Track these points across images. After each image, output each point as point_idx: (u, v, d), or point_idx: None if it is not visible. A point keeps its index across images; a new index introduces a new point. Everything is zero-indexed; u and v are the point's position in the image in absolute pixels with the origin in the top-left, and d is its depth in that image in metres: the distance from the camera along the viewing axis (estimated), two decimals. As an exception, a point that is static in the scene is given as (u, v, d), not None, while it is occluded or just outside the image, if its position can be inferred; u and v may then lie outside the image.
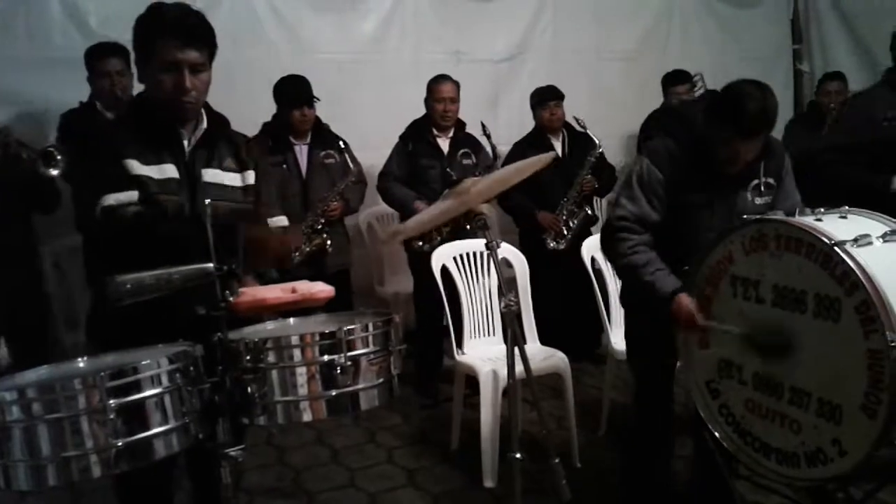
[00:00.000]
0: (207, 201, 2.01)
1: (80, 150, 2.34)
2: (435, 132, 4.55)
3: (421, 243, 4.18)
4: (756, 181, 2.57)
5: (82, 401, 1.54)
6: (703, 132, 2.50)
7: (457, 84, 4.53)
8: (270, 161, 4.15)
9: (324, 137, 4.34)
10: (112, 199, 2.05)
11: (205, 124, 2.24)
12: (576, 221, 4.75)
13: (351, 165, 4.26)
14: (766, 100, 2.37)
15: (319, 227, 4.20)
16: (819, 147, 3.52)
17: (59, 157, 3.08)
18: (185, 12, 2.12)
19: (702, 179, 2.52)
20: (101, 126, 2.30)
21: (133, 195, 2.06)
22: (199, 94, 2.14)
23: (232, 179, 2.28)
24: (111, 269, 1.75)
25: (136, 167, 2.09)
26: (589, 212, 4.82)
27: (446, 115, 4.50)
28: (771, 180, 2.60)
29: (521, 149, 4.69)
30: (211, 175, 2.23)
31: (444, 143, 4.56)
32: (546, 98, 4.86)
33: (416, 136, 4.54)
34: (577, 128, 4.87)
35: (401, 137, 4.57)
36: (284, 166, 4.22)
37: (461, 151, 4.55)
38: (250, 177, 2.33)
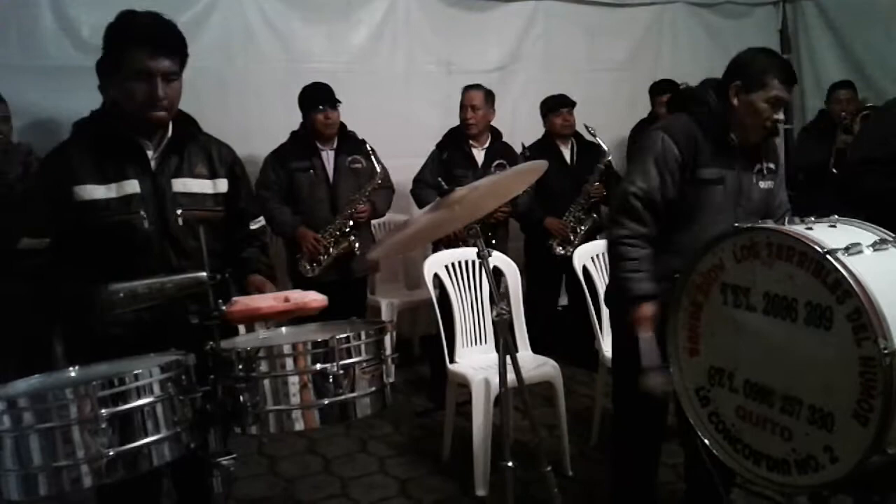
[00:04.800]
0: (179, 211, 2.00)
1: (36, 173, 2.31)
2: (471, 142, 4.57)
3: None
4: (759, 165, 2.60)
5: (74, 410, 1.54)
6: (718, 106, 2.52)
7: (486, 92, 4.56)
8: (296, 167, 4.18)
9: (350, 143, 4.35)
10: (24, 244, 2.05)
11: (170, 132, 2.19)
12: (583, 228, 4.79)
13: (377, 169, 4.27)
14: None
15: (347, 229, 4.20)
16: (855, 159, 3.40)
17: None
18: (156, 20, 2.08)
19: (717, 155, 2.52)
20: (55, 149, 2.22)
21: (44, 242, 2.06)
22: (170, 104, 2.10)
23: (202, 186, 2.24)
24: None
25: (90, 191, 2.06)
26: (596, 217, 4.85)
27: (468, 122, 4.53)
28: (772, 165, 2.64)
29: (530, 155, 4.72)
30: (180, 184, 2.19)
31: (479, 154, 4.58)
32: (559, 105, 4.96)
33: (452, 145, 4.56)
34: (588, 136, 4.93)
35: (437, 146, 4.60)
36: (311, 171, 4.23)
37: (496, 162, 4.55)
38: (222, 184, 2.29)
